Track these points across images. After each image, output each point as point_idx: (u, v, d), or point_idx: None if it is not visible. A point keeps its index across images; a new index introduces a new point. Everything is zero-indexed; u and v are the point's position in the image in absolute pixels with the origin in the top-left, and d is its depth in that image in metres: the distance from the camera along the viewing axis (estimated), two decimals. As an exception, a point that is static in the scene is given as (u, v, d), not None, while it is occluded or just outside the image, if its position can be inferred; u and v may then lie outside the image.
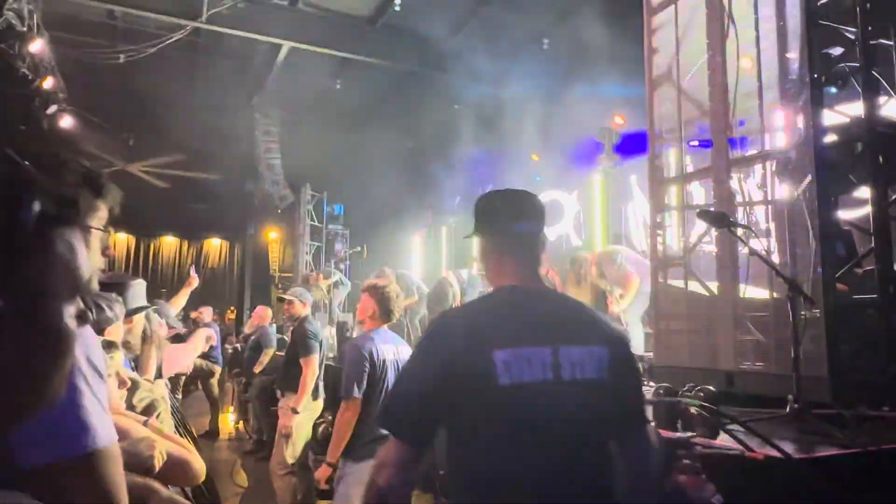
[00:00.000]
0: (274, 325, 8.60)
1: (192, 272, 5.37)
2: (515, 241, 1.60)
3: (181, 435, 2.29)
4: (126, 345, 2.51)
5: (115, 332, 2.52)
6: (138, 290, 2.73)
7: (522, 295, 1.57)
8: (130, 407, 2.13)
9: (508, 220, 1.60)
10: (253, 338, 7.86)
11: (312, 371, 4.94)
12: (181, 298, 4.93)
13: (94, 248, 0.94)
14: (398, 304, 3.64)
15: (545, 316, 1.53)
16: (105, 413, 0.87)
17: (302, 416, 4.97)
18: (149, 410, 2.15)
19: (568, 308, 1.63)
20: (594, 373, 1.47)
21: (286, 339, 6.81)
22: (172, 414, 2.46)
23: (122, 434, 1.78)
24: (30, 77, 8.02)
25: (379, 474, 1.47)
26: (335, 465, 3.44)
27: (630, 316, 5.89)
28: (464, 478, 1.49)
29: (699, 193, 4.96)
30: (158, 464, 1.55)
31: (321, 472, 3.52)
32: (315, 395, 5.11)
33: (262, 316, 8.21)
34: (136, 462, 1.63)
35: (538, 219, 1.63)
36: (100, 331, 2.37)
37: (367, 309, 3.58)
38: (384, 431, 1.54)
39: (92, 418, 0.84)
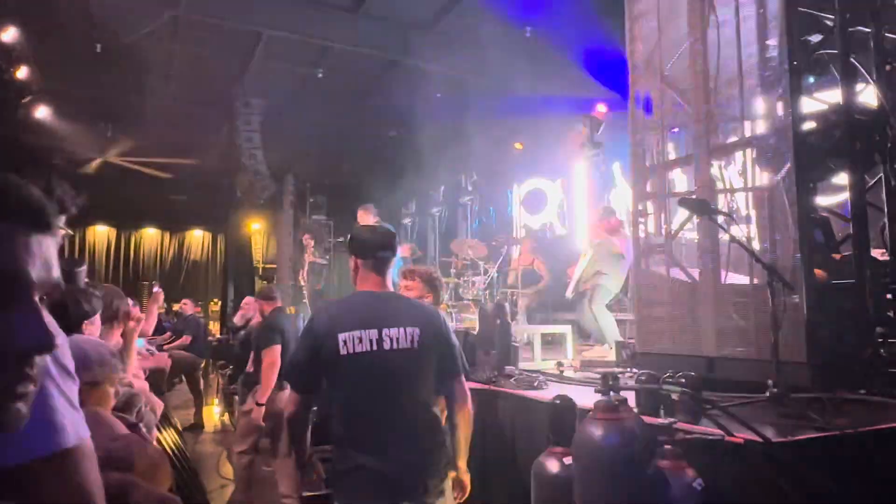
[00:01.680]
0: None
1: (155, 289, 5.38)
2: (377, 263, 2.38)
3: (164, 429, 2.28)
4: None
5: (95, 324, 2.49)
6: (81, 276, 2.66)
7: (370, 297, 2.36)
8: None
9: (374, 248, 2.39)
10: (245, 332, 7.67)
11: (271, 362, 4.96)
12: (151, 318, 4.77)
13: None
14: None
15: (379, 309, 2.31)
16: (75, 411, 0.86)
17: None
18: (129, 406, 2.13)
19: (395, 303, 2.43)
20: (406, 344, 2.25)
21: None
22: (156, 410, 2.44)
23: (107, 428, 1.76)
24: (3, 66, 7.85)
25: (286, 410, 2.36)
26: None
27: (597, 305, 5.87)
28: (335, 415, 2.26)
29: (681, 180, 4.99)
30: (142, 463, 1.54)
31: None
32: (280, 387, 5.14)
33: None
34: (119, 458, 1.61)
35: (391, 248, 2.42)
36: (78, 325, 2.34)
37: (420, 296, 3.60)
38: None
39: (61, 417, 0.83)
